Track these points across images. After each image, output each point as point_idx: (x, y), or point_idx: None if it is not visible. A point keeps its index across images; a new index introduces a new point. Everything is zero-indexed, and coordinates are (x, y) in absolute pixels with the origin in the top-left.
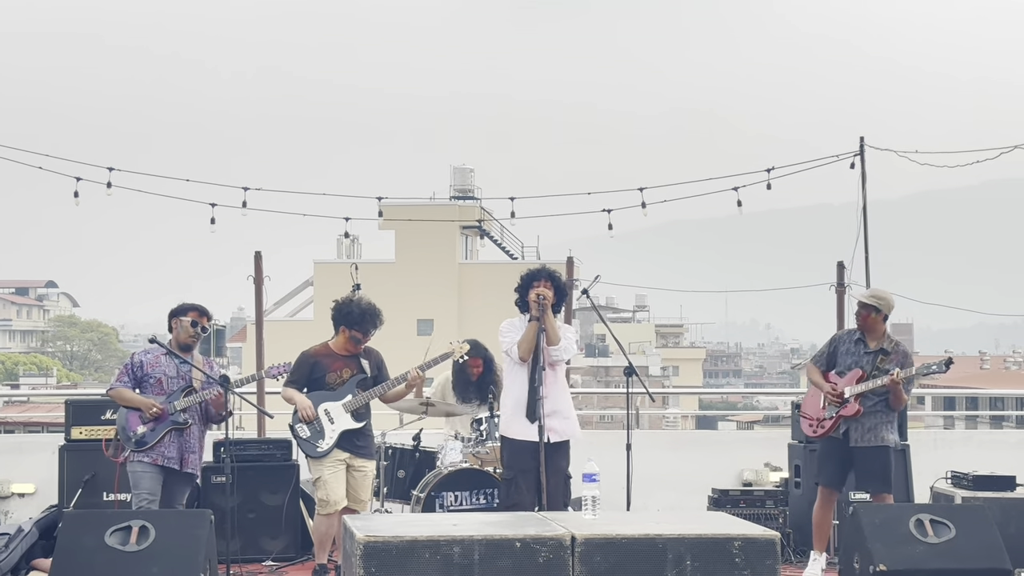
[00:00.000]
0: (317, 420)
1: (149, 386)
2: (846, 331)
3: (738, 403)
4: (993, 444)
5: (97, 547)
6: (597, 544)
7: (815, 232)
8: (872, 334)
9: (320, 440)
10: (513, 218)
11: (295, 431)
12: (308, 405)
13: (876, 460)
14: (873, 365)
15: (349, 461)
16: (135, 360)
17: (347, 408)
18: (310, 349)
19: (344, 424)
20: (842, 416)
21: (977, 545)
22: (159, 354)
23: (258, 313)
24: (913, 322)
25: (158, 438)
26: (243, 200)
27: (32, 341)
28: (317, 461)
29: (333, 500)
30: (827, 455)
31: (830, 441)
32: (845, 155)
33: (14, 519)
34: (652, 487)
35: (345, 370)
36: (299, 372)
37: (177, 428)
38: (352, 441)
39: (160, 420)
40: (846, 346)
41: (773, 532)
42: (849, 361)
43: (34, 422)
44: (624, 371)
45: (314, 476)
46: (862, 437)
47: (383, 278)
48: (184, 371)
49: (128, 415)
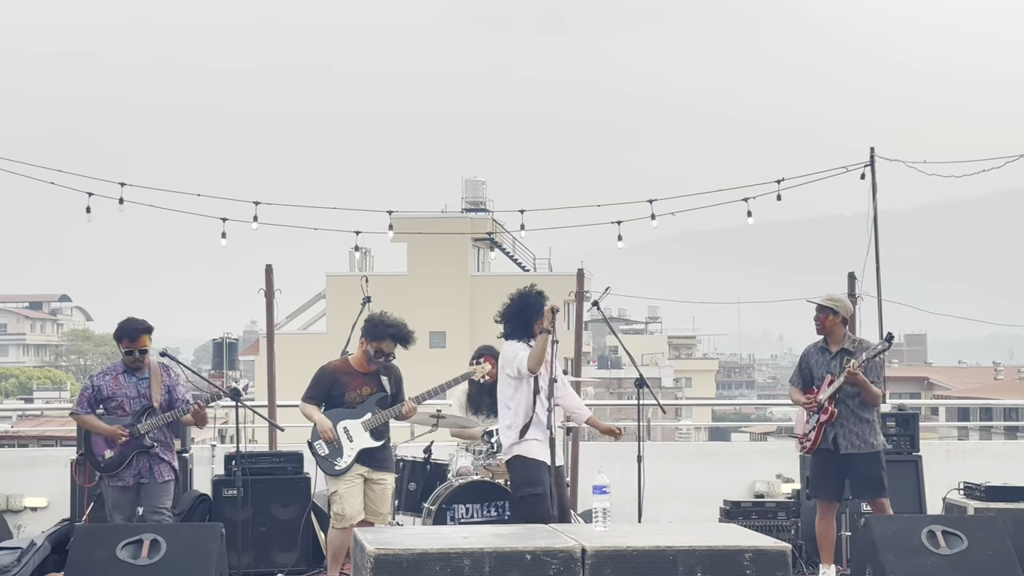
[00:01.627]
0: (336, 439)
1: (112, 409)
2: (811, 345)
3: (751, 414)
4: (1006, 455)
5: (109, 561)
6: (608, 556)
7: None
8: (833, 338)
9: (338, 458)
10: (524, 230)
11: (313, 448)
12: (329, 427)
13: (870, 466)
14: (840, 367)
15: (367, 475)
16: (94, 384)
17: (366, 427)
18: (329, 365)
19: (363, 443)
20: (821, 424)
21: (989, 556)
22: (117, 374)
23: (269, 326)
24: (927, 333)
25: (126, 461)
26: (254, 215)
27: (46, 355)
28: (334, 478)
29: (349, 515)
30: (820, 468)
31: (820, 454)
32: (855, 166)
33: (27, 533)
34: (664, 499)
35: (365, 387)
36: (318, 388)
37: (142, 450)
38: (371, 455)
39: (126, 444)
40: (814, 358)
41: (785, 544)
42: (819, 371)
43: (47, 436)
44: (635, 383)
45: (330, 490)
46: (852, 444)
47: (395, 291)
48: (143, 389)
49: (94, 439)
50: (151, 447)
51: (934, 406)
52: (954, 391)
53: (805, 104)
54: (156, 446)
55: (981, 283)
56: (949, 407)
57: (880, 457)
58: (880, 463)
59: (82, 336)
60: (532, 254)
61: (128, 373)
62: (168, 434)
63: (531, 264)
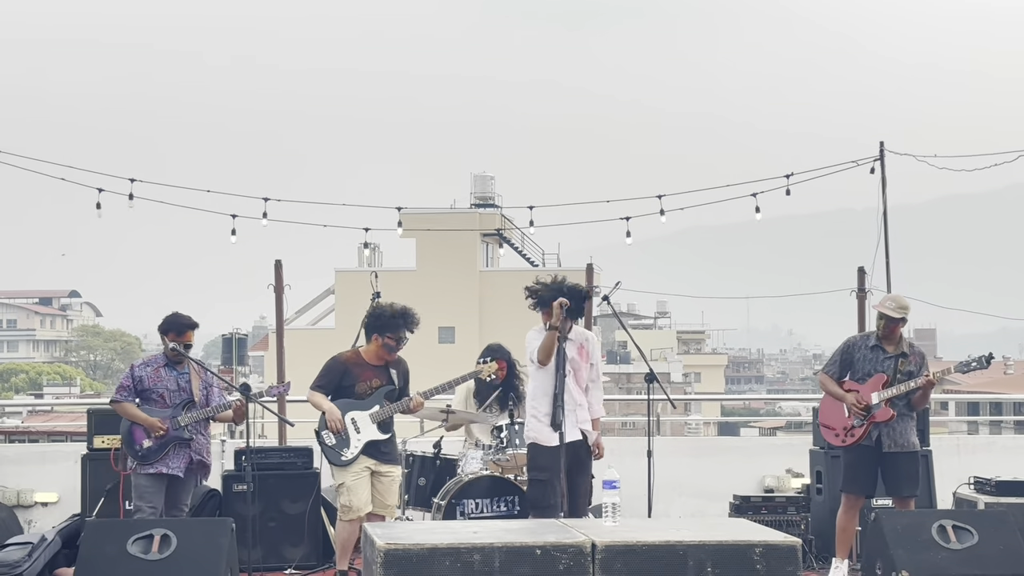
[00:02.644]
0: (344, 430)
1: (151, 401)
2: (859, 337)
3: (760, 409)
4: (1017, 449)
5: (119, 556)
6: (618, 551)
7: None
8: (891, 339)
9: (345, 449)
10: (533, 225)
11: (321, 437)
12: (338, 417)
13: (910, 465)
14: (895, 369)
15: (374, 468)
16: (135, 375)
17: (374, 419)
18: (341, 355)
19: (370, 434)
20: (873, 422)
21: (1000, 551)
22: (158, 366)
23: (279, 322)
24: (936, 327)
25: (163, 452)
26: (263, 211)
27: (56, 351)
28: (341, 469)
29: (356, 507)
30: (857, 463)
31: (860, 448)
32: (865, 160)
33: (37, 528)
34: (673, 494)
35: (375, 380)
36: (329, 377)
37: (181, 442)
38: (378, 448)
39: (164, 435)
40: (862, 352)
41: (795, 539)
42: (868, 368)
43: (57, 431)
44: (645, 378)
45: (337, 482)
46: (895, 443)
47: (404, 286)
48: (184, 383)
49: (132, 428)
50: (190, 439)
51: (944, 400)
52: (964, 386)
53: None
54: (195, 439)
55: (991, 277)
56: (959, 402)
57: (918, 457)
58: (917, 462)
59: (91, 332)
60: (541, 250)
61: (169, 367)
62: (206, 432)
63: (540, 260)
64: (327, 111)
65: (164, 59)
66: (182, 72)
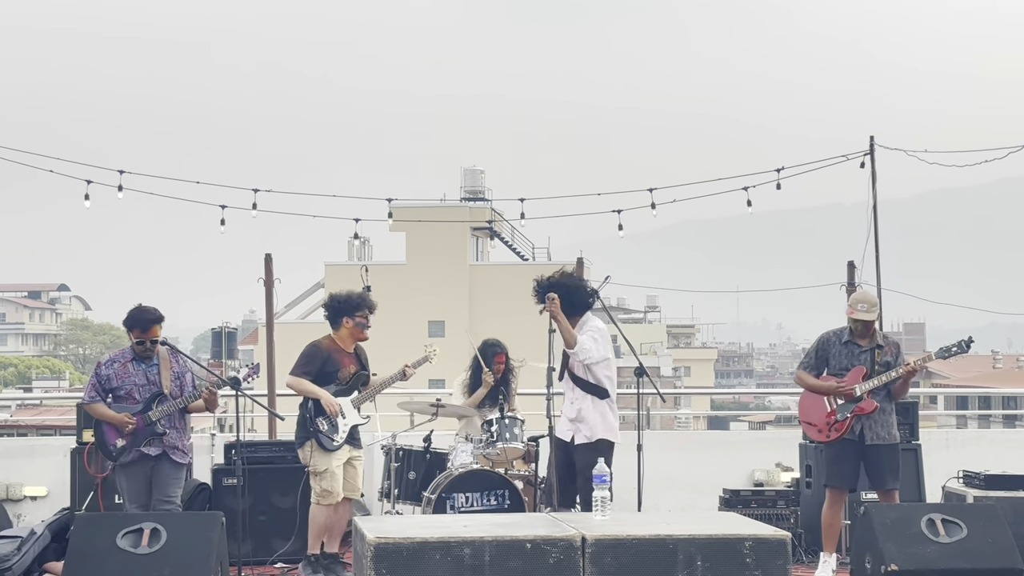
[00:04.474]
0: (338, 415)
1: (121, 398)
2: (832, 333)
3: (750, 403)
4: (1005, 443)
5: (109, 549)
6: (607, 545)
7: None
8: (864, 335)
9: (336, 435)
10: (523, 219)
11: (315, 424)
12: (335, 402)
13: (892, 457)
14: (872, 360)
15: (350, 453)
16: (101, 374)
17: (355, 404)
18: (320, 341)
19: (353, 419)
20: (857, 414)
21: (989, 544)
22: (125, 361)
23: (269, 315)
24: (925, 321)
25: (138, 447)
26: (253, 202)
27: (45, 344)
28: (327, 454)
29: (337, 491)
30: (840, 456)
31: (843, 442)
32: (855, 154)
33: (26, 522)
34: (663, 488)
35: (352, 366)
36: (313, 364)
37: (155, 437)
38: (352, 435)
39: (137, 432)
40: (836, 348)
41: (784, 532)
42: (844, 362)
43: (46, 425)
44: (635, 372)
45: (320, 468)
46: (876, 435)
47: (394, 280)
48: (153, 376)
49: (105, 428)
50: (163, 433)
51: (933, 394)
52: (953, 379)
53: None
54: (168, 432)
55: (980, 272)
56: (948, 395)
57: (898, 449)
58: (898, 455)
59: (81, 325)
60: (531, 243)
61: (137, 361)
62: (182, 421)
63: (530, 253)
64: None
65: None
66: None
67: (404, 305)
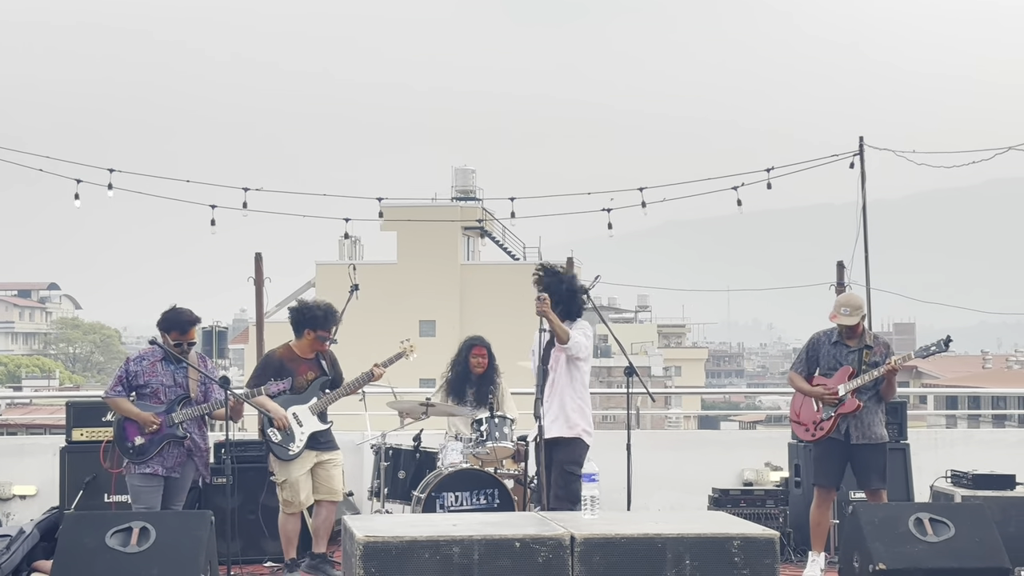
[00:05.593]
0: (288, 426)
1: (146, 396)
2: (822, 333)
3: (740, 403)
4: (993, 443)
5: (98, 548)
6: (596, 544)
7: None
8: (852, 335)
9: (291, 444)
10: (514, 218)
11: (267, 435)
12: (283, 415)
13: (878, 457)
14: (860, 360)
15: (317, 458)
16: (130, 370)
17: (314, 411)
18: (275, 351)
19: (312, 426)
20: (842, 414)
21: (976, 544)
22: (155, 360)
23: (259, 314)
24: (915, 321)
25: (156, 449)
26: (243, 201)
27: (35, 343)
28: (286, 464)
29: (298, 502)
30: (825, 455)
31: (829, 441)
32: (844, 155)
33: (15, 521)
34: (653, 487)
35: (309, 372)
36: (266, 375)
37: (175, 440)
38: (317, 438)
39: (158, 432)
40: (825, 348)
41: (773, 531)
42: (833, 362)
43: (36, 424)
44: (625, 371)
45: (280, 478)
46: (863, 435)
47: (385, 279)
48: (180, 379)
49: (125, 424)
50: (184, 437)
51: (922, 394)
52: (942, 379)
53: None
54: (188, 437)
55: (969, 272)
56: (937, 395)
57: (885, 448)
58: (885, 454)
59: (71, 324)
60: (522, 243)
61: (167, 361)
62: (203, 429)
63: (521, 253)
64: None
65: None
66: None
67: (395, 304)
